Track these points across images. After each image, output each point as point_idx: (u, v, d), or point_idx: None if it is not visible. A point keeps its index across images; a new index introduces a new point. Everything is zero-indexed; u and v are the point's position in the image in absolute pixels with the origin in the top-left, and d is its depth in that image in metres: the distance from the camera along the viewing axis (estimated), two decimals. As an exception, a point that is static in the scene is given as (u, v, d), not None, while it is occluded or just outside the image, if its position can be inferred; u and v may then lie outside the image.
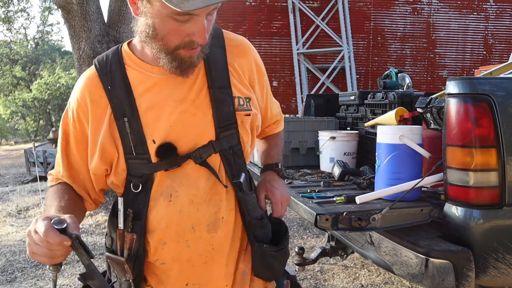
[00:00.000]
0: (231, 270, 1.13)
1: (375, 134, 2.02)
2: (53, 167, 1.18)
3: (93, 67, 1.09)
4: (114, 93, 1.04)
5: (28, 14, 37.32)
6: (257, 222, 1.14)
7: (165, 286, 1.11)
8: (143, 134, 1.03)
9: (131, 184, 1.06)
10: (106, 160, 1.05)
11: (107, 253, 1.09)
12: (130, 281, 1.06)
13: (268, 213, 1.27)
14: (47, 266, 0.90)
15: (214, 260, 1.11)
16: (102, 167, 1.06)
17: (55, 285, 0.92)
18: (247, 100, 1.12)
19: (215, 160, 1.08)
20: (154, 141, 1.03)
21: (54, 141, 10.97)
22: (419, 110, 2.12)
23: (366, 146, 2.74)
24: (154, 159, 1.04)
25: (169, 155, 1.03)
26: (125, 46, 1.10)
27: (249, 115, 1.12)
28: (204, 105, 1.06)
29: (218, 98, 1.06)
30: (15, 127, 25.39)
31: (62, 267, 0.92)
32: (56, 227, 0.85)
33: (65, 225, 0.86)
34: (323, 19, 8.13)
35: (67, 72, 21.88)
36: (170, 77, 1.04)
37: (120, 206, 1.04)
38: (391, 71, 3.16)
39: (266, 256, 1.13)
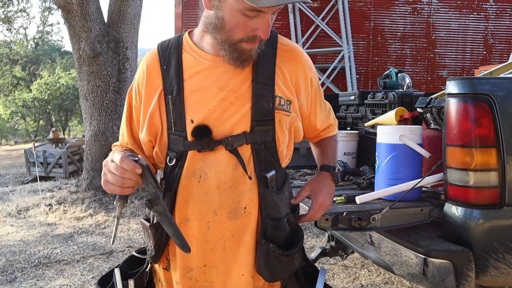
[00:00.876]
0: (250, 261, 1.16)
1: (375, 134, 2.02)
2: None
3: (156, 48, 1.21)
4: (167, 72, 1.16)
5: (28, 14, 37.22)
6: (270, 221, 1.15)
7: (184, 262, 1.16)
8: (184, 113, 1.12)
9: (168, 158, 1.16)
10: (152, 131, 1.16)
11: (141, 219, 1.23)
12: (152, 247, 1.17)
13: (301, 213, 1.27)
14: (115, 201, 1.04)
15: (232, 247, 1.15)
16: (147, 137, 1.17)
17: (118, 222, 1.06)
18: (288, 102, 1.17)
19: (245, 151, 1.13)
20: (192, 121, 1.12)
21: (54, 141, 10.94)
22: (419, 110, 2.12)
23: (366, 146, 2.74)
24: (189, 137, 1.12)
25: (204, 136, 1.11)
26: (186, 34, 1.20)
27: (288, 116, 1.16)
28: (245, 97, 1.12)
29: (259, 93, 1.13)
30: (15, 127, 25.34)
31: (128, 202, 1.06)
32: (130, 158, 0.99)
33: (137, 158, 1.00)
34: (323, 19, 8.13)
35: (67, 72, 21.81)
36: (219, 66, 1.12)
37: (158, 178, 1.13)
38: (391, 71, 3.16)
39: (269, 256, 1.14)
